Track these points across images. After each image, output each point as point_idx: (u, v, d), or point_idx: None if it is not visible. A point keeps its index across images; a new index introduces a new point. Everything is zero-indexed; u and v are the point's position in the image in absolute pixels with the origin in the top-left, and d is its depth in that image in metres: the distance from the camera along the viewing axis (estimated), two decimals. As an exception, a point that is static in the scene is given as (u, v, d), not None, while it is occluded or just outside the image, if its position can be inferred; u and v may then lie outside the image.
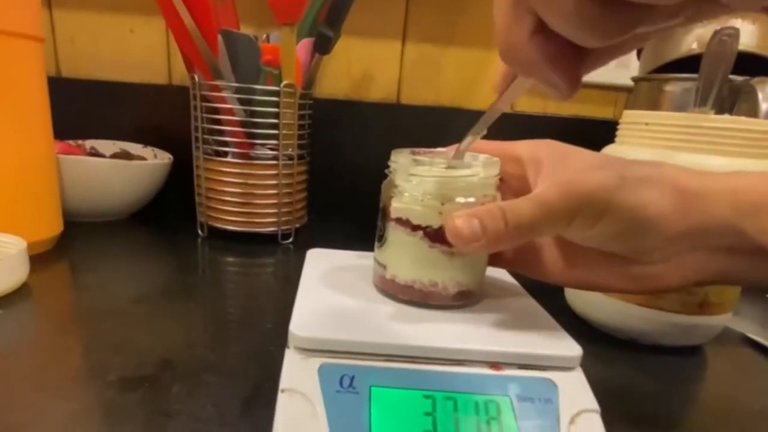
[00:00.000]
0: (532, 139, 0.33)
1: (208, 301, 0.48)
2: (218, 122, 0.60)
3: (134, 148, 0.73)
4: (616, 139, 0.46)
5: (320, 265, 0.39)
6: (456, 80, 0.80)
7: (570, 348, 0.29)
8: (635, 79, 0.66)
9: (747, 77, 0.54)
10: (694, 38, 0.57)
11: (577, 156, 0.30)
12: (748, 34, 0.55)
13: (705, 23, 0.47)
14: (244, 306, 0.47)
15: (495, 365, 0.28)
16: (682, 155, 0.39)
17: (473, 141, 0.31)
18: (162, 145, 0.74)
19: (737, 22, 0.55)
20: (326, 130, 0.74)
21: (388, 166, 0.35)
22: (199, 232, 0.63)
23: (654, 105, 0.62)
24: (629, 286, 0.30)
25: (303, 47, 0.61)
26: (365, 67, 0.79)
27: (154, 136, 0.75)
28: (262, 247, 0.61)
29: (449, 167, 0.31)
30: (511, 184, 0.33)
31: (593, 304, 0.44)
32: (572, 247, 0.30)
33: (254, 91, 0.58)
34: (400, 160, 0.33)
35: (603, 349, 0.43)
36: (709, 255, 0.27)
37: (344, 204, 0.78)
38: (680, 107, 0.59)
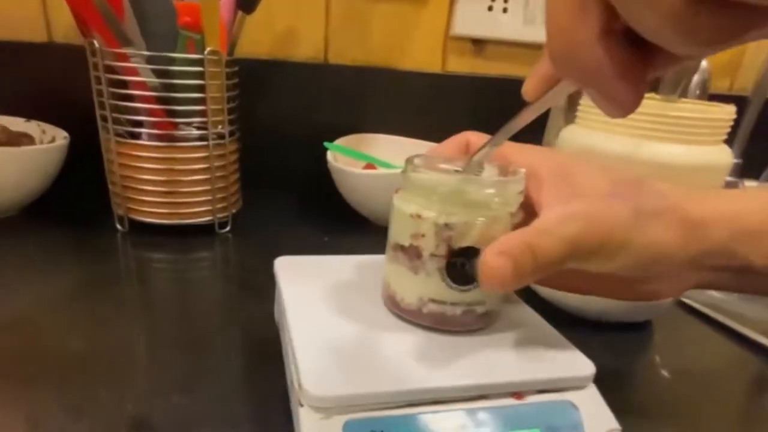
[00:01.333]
0: (519, 144, 0.31)
1: (141, 312, 0.41)
2: (130, 98, 0.49)
3: (14, 123, 0.59)
4: (577, 120, 0.44)
5: (298, 280, 0.34)
6: (386, 38, 0.74)
7: (585, 366, 0.28)
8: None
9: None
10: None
11: (581, 173, 0.28)
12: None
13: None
14: (189, 313, 0.41)
15: (517, 394, 0.26)
16: (649, 145, 0.38)
17: (490, 152, 0.27)
18: (50, 118, 0.61)
19: None
20: (248, 94, 0.66)
21: (320, 133, 0.30)
22: (118, 227, 0.54)
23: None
24: (628, 296, 0.30)
25: (225, 5, 0.51)
26: (289, 22, 0.70)
27: (36, 106, 0.61)
28: (197, 240, 0.54)
29: (464, 181, 0.28)
30: None
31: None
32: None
33: (172, 61, 0.48)
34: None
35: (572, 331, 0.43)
36: (705, 272, 0.28)
37: (277, 178, 0.71)
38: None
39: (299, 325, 0.29)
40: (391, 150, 0.70)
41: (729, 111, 0.39)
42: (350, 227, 0.63)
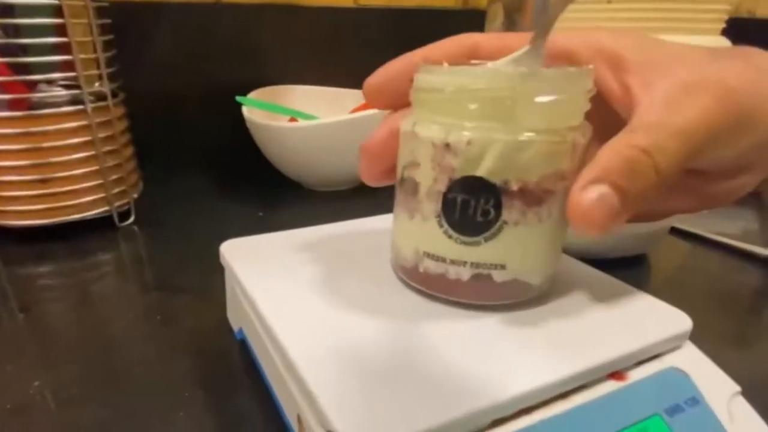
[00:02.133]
0: (565, 28, 0.23)
1: (32, 352, 0.28)
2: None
3: None
4: (560, 23, 0.38)
5: (263, 268, 0.25)
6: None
7: (680, 320, 0.21)
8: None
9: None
10: None
11: (664, 43, 0.20)
12: None
13: None
14: (100, 342, 0.29)
15: (616, 374, 0.20)
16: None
17: (543, 37, 0.19)
18: None
19: None
20: (126, 49, 0.51)
21: (223, 89, 0.22)
22: (-29, 237, 0.39)
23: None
24: (699, 205, 0.23)
25: None
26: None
27: None
28: (94, 240, 0.40)
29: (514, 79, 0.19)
30: None
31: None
32: None
33: (10, -7, 0.34)
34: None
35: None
36: None
37: (182, 149, 0.57)
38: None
39: (292, 337, 0.20)
40: (312, 102, 0.60)
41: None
42: (284, 197, 0.52)
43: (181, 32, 0.57)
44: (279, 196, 0.52)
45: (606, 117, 0.20)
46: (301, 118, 0.55)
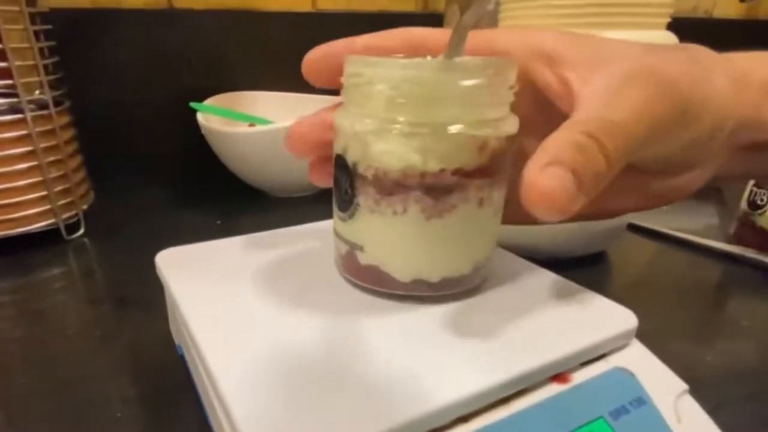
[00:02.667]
0: (502, 28, 0.22)
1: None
2: None
3: None
4: (503, 22, 0.37)
5: (196, 278, 0.23)
6: (241, -28, 0.60)
7: (626, 319, 0.21)
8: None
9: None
10: None
11: (602, 39, 0.20)
12: None
13: None
14: (49, 361, 0.27)
15: (559, 376, 0.19)
16: (597, 34, 0.33)
17: (464, 31, 0.18)
18: None
19: None
20: (74, 57, 0.49)
21: (179, 97, 0.23)
22: None
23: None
24: (646, 203, 0.23)
25: None
26: (108, -43, 0.53)
27: None
28: (41, 254, 0.39)
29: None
30: None
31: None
32: None
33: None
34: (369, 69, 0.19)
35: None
36: (731, 153, 0.22)
37: (135, 158, 0.55)
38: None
39: (216, 352, 0.18)
40: (272, 108, 0.58)
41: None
42: (244, 205, 0.51)
43: (135, 38, 0.55)
44: (239, 204, 0.51)
45: (549, 115, 0.20)
46: (260, 123, 0.53)
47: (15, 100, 0.36)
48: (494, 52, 0.21)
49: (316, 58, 0.22)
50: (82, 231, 0.42)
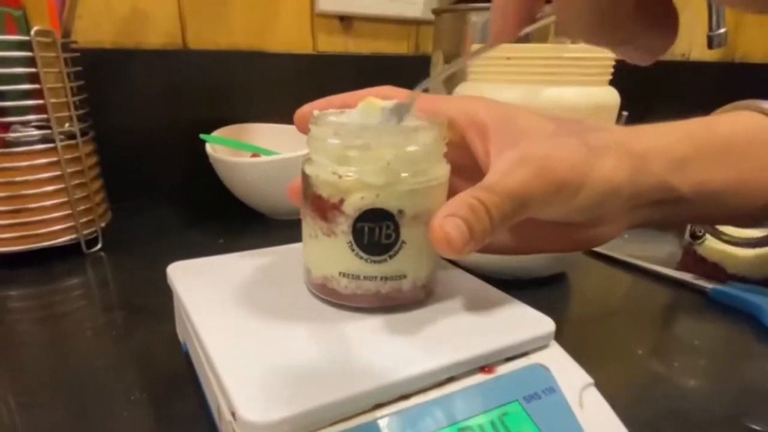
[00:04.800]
0: (454, 96, 0.27)
1: (4, 370, 0.31)
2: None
3: None
4: (470, 77, 0.42)
5: (201, 286, 0.28)
6: (249, 18, 0.66)
7: (545, 323, 0.25)
8: (436, 11, 0.63)
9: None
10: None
11: (523, 117, 0.25)
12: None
13: None
14: (68, 358, 0.31)
15: (486, 368, 0.23)
16: (545, 90, 0.38)
17: (411, 101, 0.23)
18: None
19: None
20: (97, 91, 0.54)
21: (191, 128, 0.26)
22: (-54, 264, 0.41)
23: (459, 37, 0.60)
24: (568, 247, 0.28)
25: (51, -23, 0.41)
26: (131, 3, 0.59)
27: None
28: (61, 265, 0.43)
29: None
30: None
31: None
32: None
33: (-12, 46, 0.37)
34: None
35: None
36: (642, 210, 0.26)
37: (151, 183, 0.60)
38: (486, 39, 0.58)
39: (215, 339, 0.23)
40: (274, 139, 0.63)
41: (608, 52, 0.39)
42: (246, 226, 0.55)
43: (153, 75, 0.60)
44: (241, 225, 0.55)
45: (476, 163, 0.25)
46: (262, 153, 0.58)
47: (48, 131, 0.40)
48: (438, 113, 0.25)
49: (303, 114, 0.27)
50: (99, 246, 0.46)
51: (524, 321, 0.25)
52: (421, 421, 0.20)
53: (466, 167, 0.26)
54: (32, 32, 0.37)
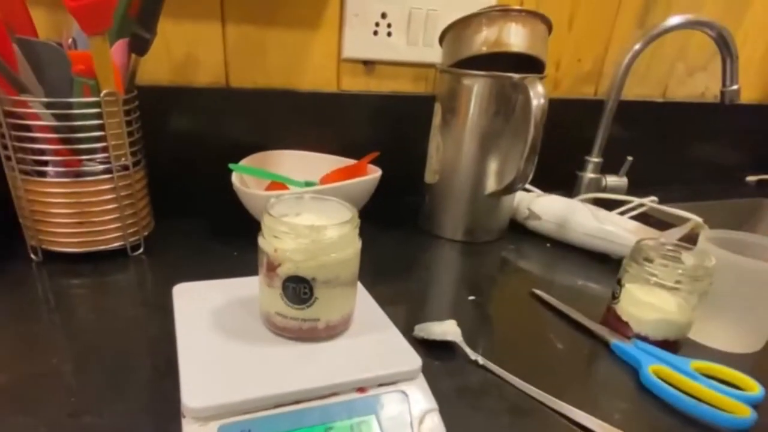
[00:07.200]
0: None
1: (58, 338, 0.43)
2: (33, 139, 0.50)
3: None
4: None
5: (192, 305, 0.39)
6: (284, 61, 0.77)
7: (414, 361, 0.34)
8: (439, 69, 0.71)
9: (523, 75, 0.63)
10: (482, 40, 0.64)
11: None
12: (521, 38, 0.64)
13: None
14: (102, 337, 0.44)
15: (361, 389, 0.33)
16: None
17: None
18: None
19: (514, 27, 0.63)
20: (153, 120, 0.67)
21: (227, 155, 0.38)
22: (32, 256, 0.55)
23: (455, 95, 0.68)
24: None
25: (118, 50, 0.53)
26: (186, 49, 0.71)
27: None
28: (110, 265, 0.56)
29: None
30: None
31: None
32: None
33: (71, 105, 0.50)
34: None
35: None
36: None
37: (189, 203, 0.73)
38: (477, 100, 0.66)
39: (185, 346, 0.34)
40: (295, 164, 0.74)
41: None
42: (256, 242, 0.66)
43: (198, 109, 0.72)
44: (253, 241, 0.66)
45: None
46: (282, 180, 0.69)
47: (108, 165, 0.53)
48: None
49: None
50: (141, 250, 0.59)
51: (401, 357, 0.34)
52: (303, 419, 0.30)
53: None
54: (102, 95, 0.50)
